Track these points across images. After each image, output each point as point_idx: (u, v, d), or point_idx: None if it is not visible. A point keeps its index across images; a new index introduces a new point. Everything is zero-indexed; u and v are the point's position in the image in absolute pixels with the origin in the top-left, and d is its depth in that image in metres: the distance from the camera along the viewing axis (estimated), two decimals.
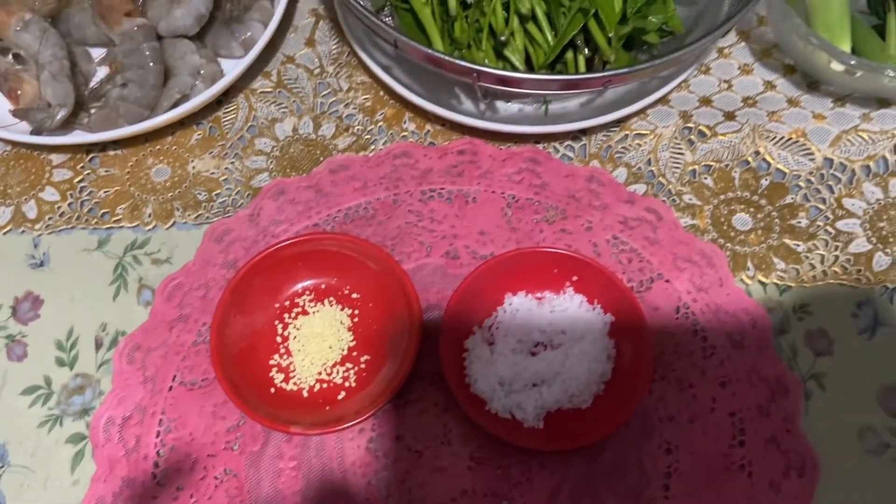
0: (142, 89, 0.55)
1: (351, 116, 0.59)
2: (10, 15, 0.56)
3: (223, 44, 0.59)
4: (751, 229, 0.53)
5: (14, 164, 0.57)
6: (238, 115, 0.59)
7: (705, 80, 0.58)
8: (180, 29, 0.56)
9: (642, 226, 0.53)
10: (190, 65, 0.56)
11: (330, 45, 0.61)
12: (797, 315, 0.50)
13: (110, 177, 0.56)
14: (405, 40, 0.46)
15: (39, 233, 0.55)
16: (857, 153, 0.55)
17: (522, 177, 0.56)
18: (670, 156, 0.56)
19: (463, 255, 0.53)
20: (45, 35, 0.55)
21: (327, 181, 0.56)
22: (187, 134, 0.58)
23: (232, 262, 0.53)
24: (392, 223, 0.54)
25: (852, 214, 0.53)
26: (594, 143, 0.57)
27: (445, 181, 0.56)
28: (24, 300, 0.53)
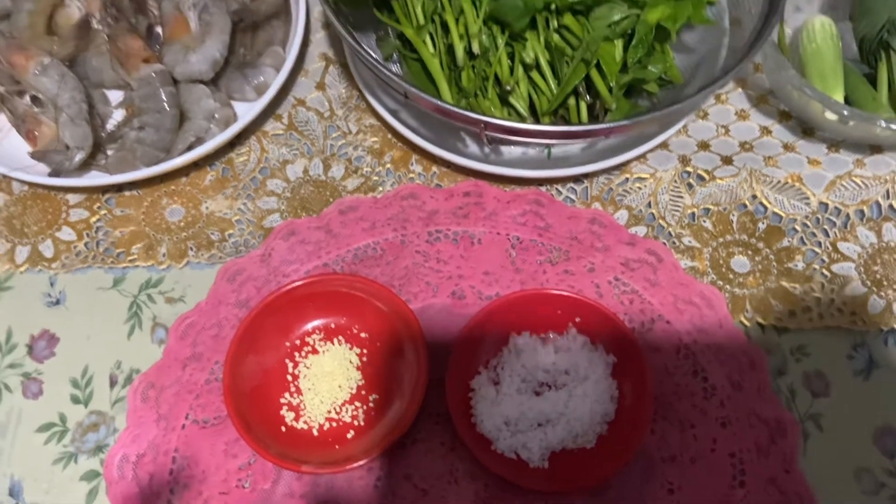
0: (158, 132, 0.57)
1: (360, 158, 0.60)
2: (29, 59, 0.57)
3: (237, 88, 0.60)
4: (749, 272, 0.54)
5: (31, 204, 0.58)
6: (251, 157, 0.60)
7: (703, 125, 0.60)
8: (196, 74, 0.58)
9: (643, 267, 0.55)
10: (205, 109, 0.58)
11: (339, 88, 0.63)
12: (795, 357, 0.51)
13: (126, 217, 0.58)
14: (415, 92, 0.47)
15: (56, 272, 0.56)
16: (851, 198, 0.56)
17: (526, 218, 0.57)
18: (670, 199, 0.57)
19: (469, 295, 0.55)
20: (64, 79, 0.57)
21: (337, 222, 0.58)
22: (201, 175, 0.59)
23: (244, 301, 0.54)
24: (399, 263, 0.56)
25: (847, 258, 0.54)
26: (596, 185, 0.59)
27: (451, 222, 0.57)
28: (41, 338, 0.54)
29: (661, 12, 0.53)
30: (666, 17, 0.53)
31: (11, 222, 0.58)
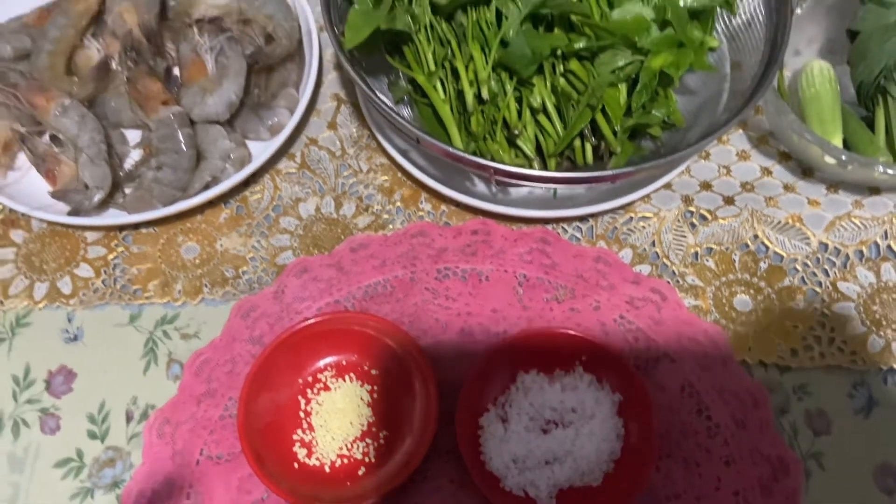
0: (175, 172, 0.58)
1: (370, 197, 0.62)
2: (50, 100, 0.59)
3: (251, 128, 0.62)
4: (751, 310, 0.56)
5: (50, 241, 0.60)
6: (264, 195, 0.62)
7: (705, 166, 0.62)
8: (212, 116, 0.60)
9: (648, 306, 0.56)
10: (221, 149, 0.59)
11: (351, 128, 0.65)
12: (797, 395, 0.53)
13: (142, 254, 0.59)
14: (428, 139, 0.49)
15: (74, 308, 0.57)
16: (851, 238, 0.58)
17: (533, 256, 0.59)
18: (673, 238, 0.59)
19: (477, 332, 0.56)
20: (84, 120, 0.59)
21: (348, 259, 0.59)
22: (216, 213, 0.61)
23: (257, 337, 0.56)
24: (409, 300, 0.57)
25: (847, 298, 0.55)
26: (601, 224, 0.60)
27: (460, 260, 0.59)
28: (58, 374, 0.55)
29: (664, 59, 0.55)
30: (669, 64, 0.55)
31: (30, 259, 0.59)
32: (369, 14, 0.53)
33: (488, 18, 0.56)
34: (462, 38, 0.56)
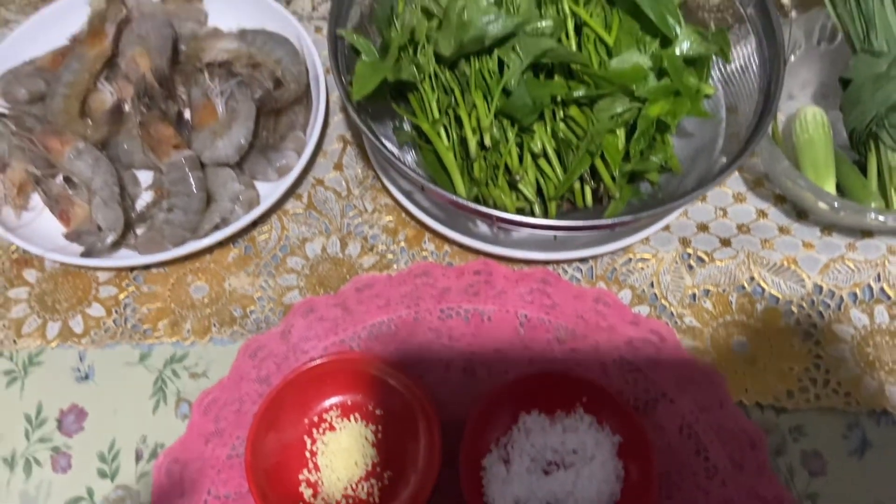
0: (186, 214, 0.60)
1: (375, 237, 0.63)
2: (65, 144, 0.61)
3: (260, 170, 0.64)
4: (748, 352, 0.57)
5: (63, 281, 0.61)
6: (272, 235, 0.63)
7: (702, 208, 0.63)
8: (222, 159, 0.62)
9: (647, 347, 0.57)
10: (230, 191, 0.61)
11: (356, 169, 0.67)
12: (793, 436, 0.54)
13: (153, 294, 0.61)
14: (432, 188, 0.51)
15: (85, 347, 0.59)
16: (845, 281, 0.59)
17: (534, 297, 0.60)
18: (671, 279, 0.60)
19: (479, 372, 0.57)
20: (98, 163, 0.61)
21: (353, 299, 0.60)
22: (225, 253, 0.62)
23: (264, 377, 0.57)
24: (413, 340, 0.59)
25: (841, 340, 0.57)
26: (600, 265, 0.61)
27: (463, 300, 0.60)
28: (70, 412, 0.56)
29: (661, 108, 0.57)
30: (666, 112, 0.56)
31: (43, 298, 0.61)
32: (376, 66, 0.55)
33: (490, 67, 0.57)
34: (465, 86, 0.57)
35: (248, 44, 0.67)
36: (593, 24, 0.60)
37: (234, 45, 0.67)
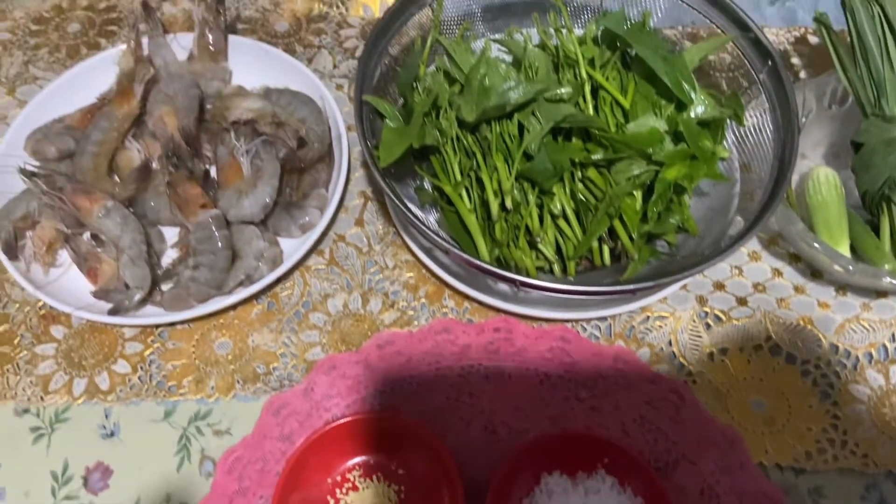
0: (212, 272, 0.61)
1: (396, 293, 0.64)
2: (94, 203, 0.62)
3: (283, 227, 0.65)
4: (767, 412, 0.57)
5: (89, 337, 0.62)
6: (294, 291, 0.64)
7: (718, 267, 0.65)
8: (247, 217, 0.63)
9: (666, 406, 0.58)
10: (255, 249, 0.62)
11: (377, 225, 0.68)
12: (812, 497, 0.54)
13: (177, 350, 0.61)
14: (457, 253, 0.52)
15: (111, 404, 0.59)
16: (860, 341, 0.60)
17: (553, 354, 0.61)
18: (689, 338, 0.61)
19: (500, 430, 0.58)
20: (126, 222, 0.62)
21: (375, 356, 0.61)
22: (248, 309, 0.63)
23: (287, 435, 0.58)
24: (434, 397, 0.59)
25: (858, 400, 0.57)
26: (619, 322, 0.62)
27: (483, 357, 0.61)
28: (95, 470, 0.57)
29: (678, 171, 0.58)
30: (682, 175, 0.58)
31: (70, 355, 0.61)
32: (401, 132, 0.57)
33: (511, 131, 0.59)
34: (486, 149, 0.59)
35: (273, 103, 0.69)
36: (610, 87, 0.62)
37: (258, 104, 0.69)
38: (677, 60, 0.60)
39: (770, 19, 0.79)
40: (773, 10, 0.79)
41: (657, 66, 0.59)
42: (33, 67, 0.76)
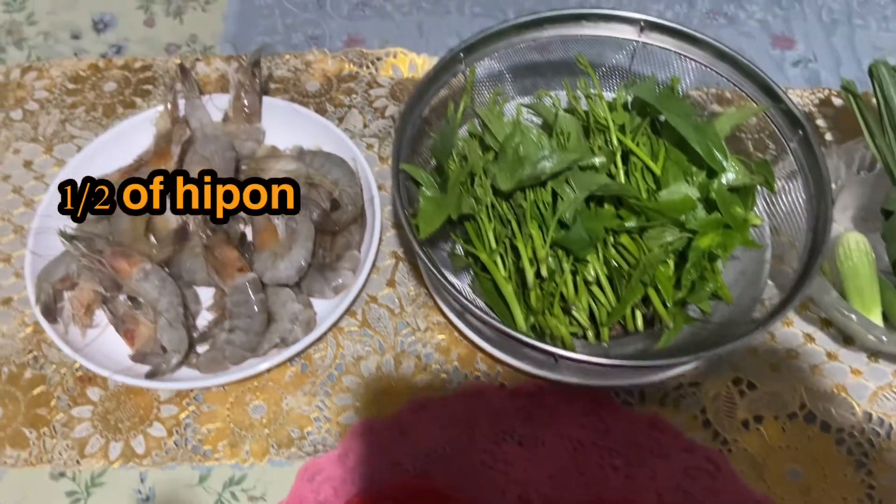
0: (247, 335, 0.61)
1: (428, 356, 0.65)
2: (133, 265, 0.63)
3: (317, 288, 0.66)
4: (802, 480, 0.57)
5: (125, 399, 0.63)
6: (327, 353, 0.65)
7: None
8: (283, 280, 0.64)
9: (702, 475, 0.58)
10: (290, 312, 0.63)
11: (408, 286, 0.68)
12: None
13: (212, 413, 0.62)
14: (496, 325, 0.52)
15: (147, 468, 0.60)
16: (893, 408, 0.60)
17: (588, 421, 0.61)
18: (723, 405, 0.61)
19: (534, 499, 0.58)
20: (164, 284, 0.63)
21: (408, 420, 0.61)
22: (282, 371, 0.64)
23: (323, 501, 0.58)
24: (468, 464, 0.59)
25: (893, 469, 0.57)
26: (652, 388, 0.62)
27: (516, 424, 0.61)
28: None
29: (712, 240, 0.59)
30: (716, 244, 0.58)
31: (106, 417, 0.62)
32: (440, 202, 0.58)
33: (545, 199, 0.60)
34: (521, 217, 0.60)
35: (307, 164, 0.70)
36: (641, 154, 0.63)
37: (292, 165, 0.70)
38: (709, 129, 0.61)
39: (793, 80, 0.80)
40: (796, 72, 0.80)
41: (689, 135, 0.60)
42: (70, 126, 0.78)
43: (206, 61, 0.82)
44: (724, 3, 0.85)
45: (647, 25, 0.66)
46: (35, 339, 0.66)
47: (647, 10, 0.86)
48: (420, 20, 0.86)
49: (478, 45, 0.66)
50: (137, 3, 0.87)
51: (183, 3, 0.87)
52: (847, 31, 0.82)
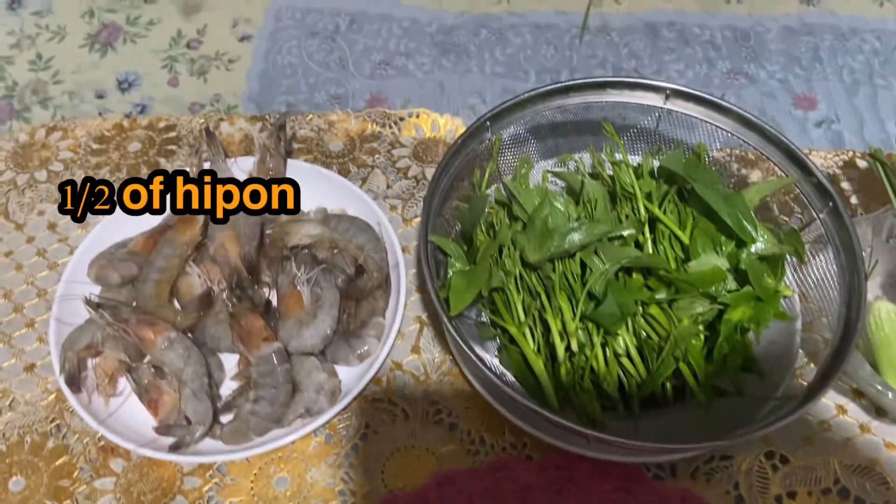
0: (272, 406, 0.61)
1: (454, 425, 0.64)
2: (157, 334, 0.63)
3: (342, 356, 0.65)
4: None
5: (148, 471, 0.62)
6: (352, 422, 0.64)
7: None
8: (308, 348, 0.63)
9: None
10: (315, 382, 0.62)
11: (433, 352, 0.68)
12: None
13: (236, 486, 0.61)
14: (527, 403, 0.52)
15: None
16: None
17: (618, 496, 0.60)
18: (756, 479, 0.60)
19: None
20: (188, 353, 0.62)
21: (434, 495, 0.60)
22: (306, 441, 0.63)
23: None
24: None
25: None
26: (684, 461, 0.61)
27: (545, 498, 0.60)
28: None
29: (743, 313, 0.58)
30: (747, 318, 0.58)
31: (129, 490, 0.61)
32: (470, 277, 0.57)
33: (573, 270, 0.60)
34: (550, 289, 0.59)
35: (332, 229, 0.70)
36: (669, 222, 0.63)
37: (317, 230, 0.70)
38: (738, 200, 0.60)
39: (817, 141, 0.80)
40: (819, 133, 0.80)
41: (719, 206, 0.60)
42: None
43: (229, 121, 0.82)
44: (744, 62, 0.86)
45: (672, 93, 0.66)
46: (58, 407, 0.65)
47: (667, 69, 0.86)
48: (442, 79, 0.87)
49: (503, 114, 0.66)
50: (162, 62, 0.88)
51: (207, 62, 0.88)
52: (869, 91, 0.82)
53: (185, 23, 0.88)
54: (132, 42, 0.88)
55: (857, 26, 0.86)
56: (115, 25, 0.88)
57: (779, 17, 0.87)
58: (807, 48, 0.85)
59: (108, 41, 0.87)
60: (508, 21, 0.89)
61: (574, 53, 0.85)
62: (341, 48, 0.88)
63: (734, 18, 0.88)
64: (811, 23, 0.87)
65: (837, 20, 0.86)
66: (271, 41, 0.88)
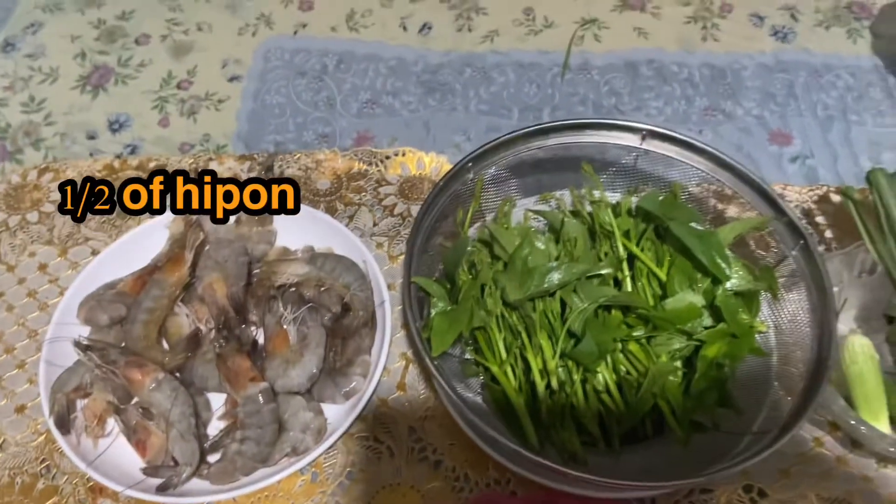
0: (259, 446, 0.62)
1: (439, 462, 0.65)
2: (146, 375, 0.64)
3: (328, 394, 0.66)
4: None
5: None
6: (338, 460, 0.65)
7: None
8: (294, 388, 0.64)
9: None
10: (301, 421, 0.63)
11: (418, 389, 0.69)
12: None
13: None
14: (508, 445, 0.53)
15: None
16: None
17: None
18: None
19: None
20: (176, 394, 0.63)
21: None
22: (293, 480, 0.64)
23: None
24: None
25: None
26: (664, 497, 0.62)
27: None
28: None
29: (719, 349, 0.59)
30: (723, 354, 0.59)
31: None
32: (452, 318, 0.59)
33: (553, 308, 0.61)
34: (531, 327, 0.61)
35: (318, 268, 0.71)
36: (647, 260, 0.64)
37: (304, 269, 0.71)
38: (712, 239, 0.62)
39: (792, 177, 0.82)
40: (794, 168, 0.82)
41: (693, 246, 0.61)
42: (84, 228, 0.79)
43: (219, 160, 0.84)
44: (721, 99, 0.88)
45: (648, 134, 0.68)
46: (47, 448, 0.66)
47: (646, 106, 0.89)
48: (427, 118, 0.89)
49: (485, 155, 0.68)
50: (152, 103, 0.90)
51: (197, 102, 0.90)
52: (843, 126, 0.85)
53: (175, 64, 0.90)
54: (123, 83, 0.90)
55: (831, 63, 0.88)
56: (106, 67, 0.89)
57: (754, 54, 0.90)
58: (782, 85, 0.88)
59: (100, 83, 0.89)
60: (492, 60, 0.91)
61: (556, 91, 0.87)
62: (329, 87, 0.90)
63: (711, 56, 0.90)
64: (786, 60, 0.89)
65: (811, 57, 0.88)
66: (260, 81, 0.90)
